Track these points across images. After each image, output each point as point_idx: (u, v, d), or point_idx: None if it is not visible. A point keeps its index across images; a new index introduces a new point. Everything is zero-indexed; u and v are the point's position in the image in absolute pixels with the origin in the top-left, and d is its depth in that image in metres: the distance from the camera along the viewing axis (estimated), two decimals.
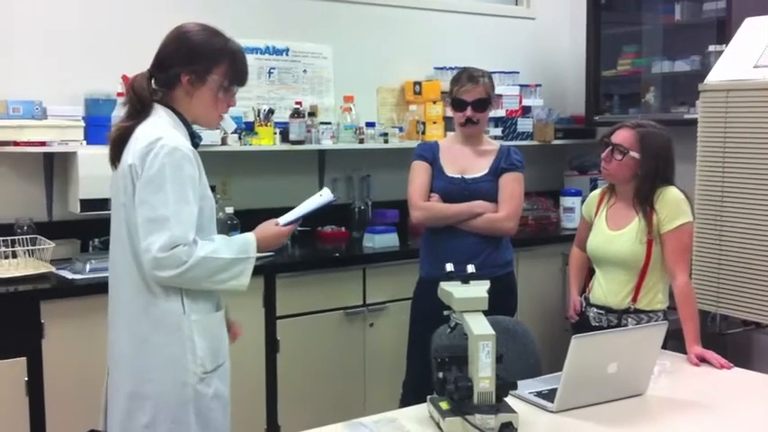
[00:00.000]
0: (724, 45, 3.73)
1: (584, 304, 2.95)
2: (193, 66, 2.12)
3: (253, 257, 2.16)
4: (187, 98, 2.15)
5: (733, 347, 3.83)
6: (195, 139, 2.20)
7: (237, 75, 2.20)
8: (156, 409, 2.09)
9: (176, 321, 2.09)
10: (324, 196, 2.37)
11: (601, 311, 2.85)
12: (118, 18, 3.67)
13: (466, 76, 3.23)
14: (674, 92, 4.54)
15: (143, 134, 2.07)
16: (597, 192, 2.99)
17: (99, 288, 3.07)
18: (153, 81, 2.16)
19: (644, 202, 2.76)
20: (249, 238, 2.20)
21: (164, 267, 2.00)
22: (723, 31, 4.05)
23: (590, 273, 3.04)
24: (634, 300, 2.78)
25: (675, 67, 4.46)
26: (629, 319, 2.78)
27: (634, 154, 2.74)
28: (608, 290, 2.84)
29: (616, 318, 2.80)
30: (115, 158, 2.15)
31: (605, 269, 2.86)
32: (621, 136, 2.78)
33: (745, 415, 2.17)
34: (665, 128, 2.90)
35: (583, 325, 2.90)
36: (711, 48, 4.08)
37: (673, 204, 2.74)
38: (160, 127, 2.09)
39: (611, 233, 2.83)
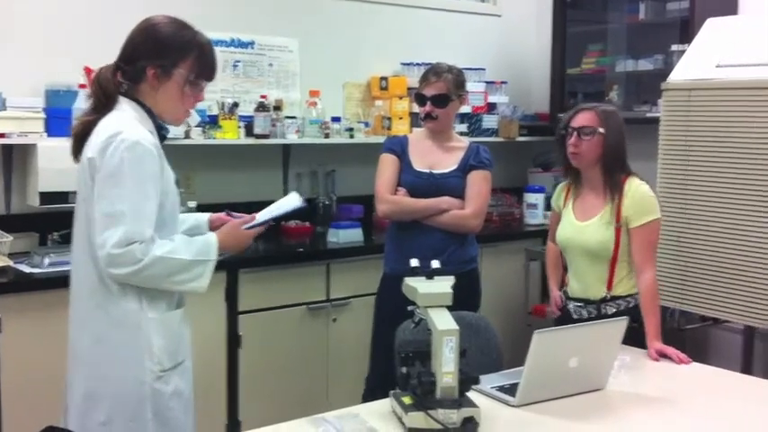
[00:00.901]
0: (687, 44, 3.78)
1: (564, 299, 2.97)
2: (160, 59, 2.09)
3: (213, 260, 2.14)
4: (153, 92, 2.12)
5: (691, 342, 3.89)
6: (162, 132, 2.18)
7: (205, 69, 2.16)
8: (112, 408, 2.07)
9: (134, 319, 2.07)
10: (292, 201, 2.34)
11: (579, 304, 2.87)
12: (80, 8, 3.61)
13: (432, 71, 3.23)
14: (637, 90, 4.59)
15: (104, 128, 2.04)
16: (563, 184, 3.02)
17: (58, 282, 3.03)
18: (119, 74, 2.12)
19: (614, 186, 2.79)
20: (211, 239, 2.17)
21: (118, 264, 1.98)
22: (686, 30, 4.10)
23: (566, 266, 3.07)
24: (609, 287, 2.81)
25: (639, 66, 4.51)
26: (608, 307, 2.81)
27: (601, 130, 2.78)
28: (582, 281, 2.87)
29: (595, 308, 2.83)
30: (77, 152, 2.12)
31: (577, 260, 2.88)
32: (583, 118, 2.82)
33: (703, 409, 2.20)
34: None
35: (565, 319, 2.91)
36: (674, 47, 4.13)
37: (642, 201, 2.77)
38: (122, 121, 2.05)
39: (579, 224, 2.86)
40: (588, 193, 2.88)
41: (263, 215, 2.32)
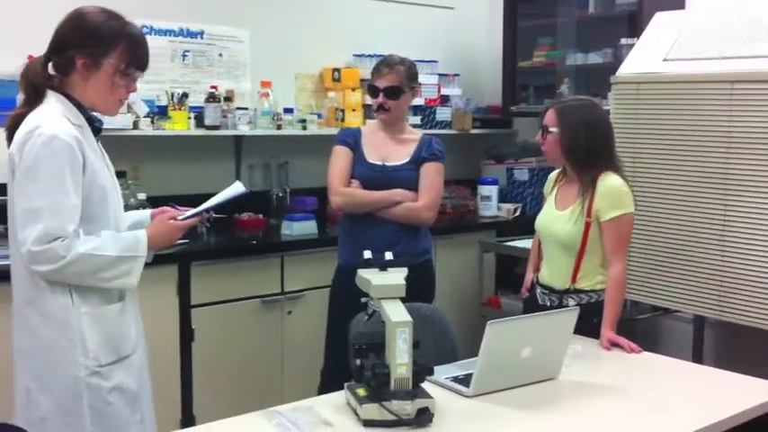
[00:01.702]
0: (635, 38, 3.83)
1: (534, 283, 3.01)
2: (89, 48, 2.07)
3: (142, 256, 2.11)
4: (83, 82, 2.09)
5: (643, 333, 3.96)
6: (96, 124, 2.14)
7: (135, 58, 2.12)
8: (49, 403, 2.05)
9: (64, 315, 2.04)
10: (234, 188, 2.31)
11: (545, 291, 2.91)
12: None
13: (384, 62, 3.23)
14: (587, 83, 4.64)
15: (26, 123, 2.01)
16: (555, 172, 3.05)
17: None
18: (50, 66, 2.09)
19: (587, 183, 2.80)
20: (140, 235, 2.14)
21: (40, 262, 1.95)
22: (635, 24, 4.15)
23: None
24: (573, 280, 2.84)
25: (589, 60, 4.56)
26: (570, 300, 2.83)
27: (554, 129, 2.81)
28: (551, 270, 2.91)
29: (557, 298, 2.86)
30: (9, 145, 2.08)
31: (549, 248, 2.93)
32: (547, 116, 2.87)
33: (654, 397, 2.24)
34: (596, 101, 3.00)
35: (532, 302, 2.97)
36: (623, 41, 4.18)
37: (611, 194, 2.77)
38: (44, 115, 2.02)
39: (556, 212, 2.90)
40: (569, 185, 2.92)
41: (202, 205, 2.28)
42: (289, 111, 4.14)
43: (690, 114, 3.32)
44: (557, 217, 2.89)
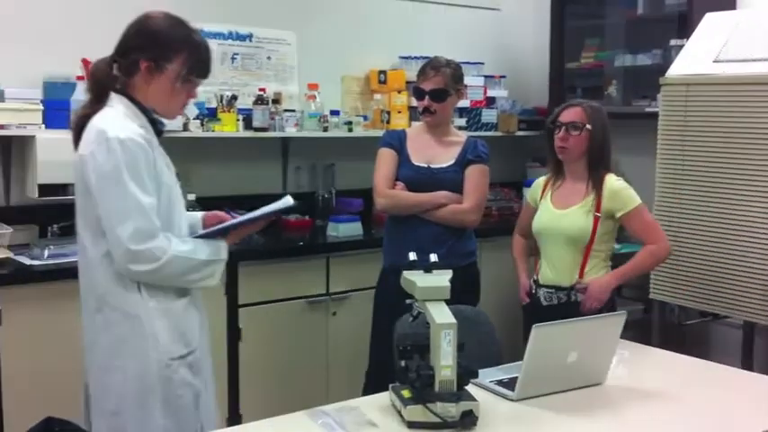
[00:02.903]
0: (685, 39, 3.78)
1: (533, 287, 3.05)
2: (152, 52, 2.11)
3: (224, 259, 2.20)
4: (145, 85, 2.14)
5: (691, 338, 3.91)
6: (158, 126, 2.19)
7: (198, 66, 2.18)
8: (121, 397, 2.10)
9: (135, 310, 2.09)
10: (283, 201, 2.34)
11: (550, 290, 2.97)
12: (78, 0, 3.60)
13: (430, 65, 3.23)
14: (635, 85, 4.59)
15: (94, 125, 2.07)
16: (542, 178, 3.12)
17: (57, 274, 3.04)
18: (115, 67, 2.14)
19: (596, 180, 2.90)
20: (220, 241, 2.23)
21: (139, 261, 2.02)
22: (684, 25, 4.09)
23: (537, 257, 3.15)
24: (581, 275, 2.91)
25: (637, 61, 4.50)
26: (578, 294, 2.91)
27: (588, 126, 2.89)
28: (555, 267, 2.96)
29: (565, 294, 2.93)
30: (77, 144, 2.14)
31: (551, 247, 2.97)
32: (572, 114, 2.93)
33: (702, 404, 2.21)
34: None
35: (534, 306, 3.02)
36: (673, 42, 4.13)
37: (619, 194, 2.89)
38: (111, 118, 2.07)
39: (558, 212, 2.96)
40: (569, 186, 2.98)
41: (251, 214, 2.32)
42: (335, 113, 4.16)
43: (740, 116, 3.27)
44: (560, 215, 2.94)
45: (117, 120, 2.07)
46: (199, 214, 2.42)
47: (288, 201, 2.32)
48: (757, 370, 2.98)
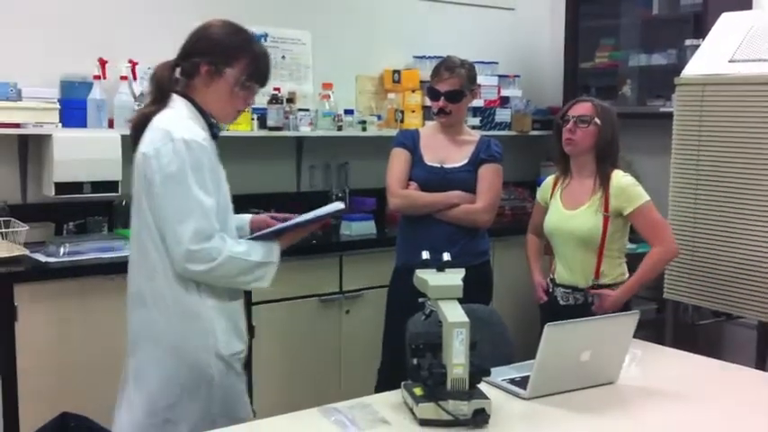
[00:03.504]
0: (700, 39, 3.77)
1: (550, 285, 3.05)
2: (213, 57, 2.17)
3: (276, 262, 2.24)
4: (205, 89, 2.20)
5: (705, 338, 3.89)
6: (214, 130, 2.24)
7: (257, 73, 2.23)
8: (178, 391, 2.14)
9: (196, 307, 2.14)
10: (333, 205, 2.41)
11: (567, 290, 2.98)
12: (96, 0, 3.63)
13: (444, 65, 3.23)
14: (650, 85, 4.57)
15: (156, 125, 2.12)
16: (551, 177, 3.13)
17: (73, 271, 3.07)
18: (177, 70, 2.20)
19: (603, 177, 2.91)
20: (273, 243, 2.27)
21: (196, 261, 2.06)
22: (700, 25, 4.08)
23: (551, 255, 3.16)
24: (596, 276, 2.91)
25: (652, 61, 4.49)
26: (596, 296, 2.91)
27: (597, 120, 2.90)
28: (570, 269, 2.97)
29: (582, 295, 2.94)
30: (134, 143, 2.19)
31: (564, 247, 2.99)
32: (582, 108, 2.95)
33: (715, 404, 2.20)
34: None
35: (551, 305, 3.02)
36: (688, 42, 4.11)
37: (626, 190, 2.90)
38: (175, 119, 2.13)
39: (568, 212, 2.96)
40: (577, 183, 2.99)
41: (299, 218, 2.35)
42: (349, 112, 4.18)
43: (756, 116, 3.25)
44: (570, 216, 2.95)
45: (180, 121, 2.13)
46: (246, 217, 2.46)
47: (338, 205, 2.40)
48: None
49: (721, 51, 3.46)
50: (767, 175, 3.21)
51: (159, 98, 2.19)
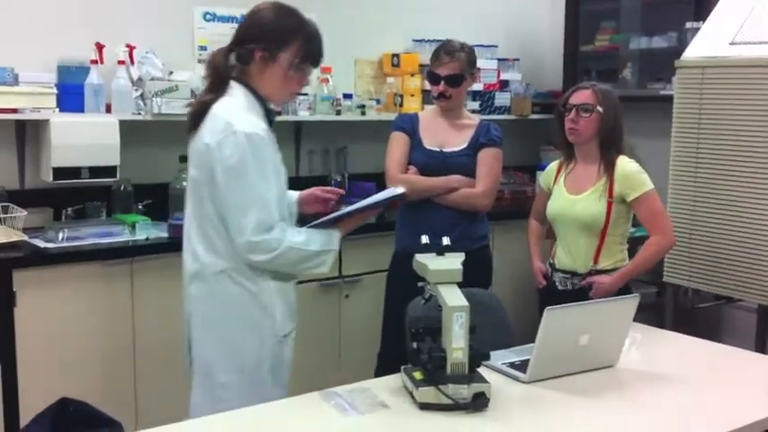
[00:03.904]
0: (701, 22, 3.75)
1: (549, 270, 3.06)
2: (265, 42, 2.20)
3: (335, 249, 2.28)
4: (260, 74, 2.22)
5: (704, 321, 3.90)
6: (270, 117, 2.25)
7: (310, 54, 2.25)
8: (233, 369, 2.20)
9: (256, 287, 2.20)
10: (390, 190, 2.42)
11: (566, 275, 2.98)
12: None
13: (444, 49, 3.21)
14: (650, 68, 4.55)
15: (219, 116, 2.14)
16: (554, 163, 3.11)
17: (72, 257, 3.07)
18: (232, 56, 2.22)
19: (608, 163, 2.90)
20: (334, 231, 2.30)
21: (257, 251, 2.11)
22: (700, 7, 4.06)
23: (553, 239, 3.15)
24: (596, 261, 2.91)
25: (653, 44, 4.47)
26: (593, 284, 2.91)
27: (600, 108, 2.88)
28: (571, 253, 2.96)
29: (581, 280, 2.94)
30: (192, 130, 2.21)
31: (566, 232, 2.98)
32: (583, 96, 2.93)
33: (715, 387, 2.21)
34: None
35: (549, 289, 3.03)
36: (689, 24, 4.09)
37: (631, 177, 2.88)
38: (234, 110, 2.15)
39: (572, 197, 2.95)
40: (581, 169, 2.98)
41: (358, 204, 2.36)
42: (348, 96, 4.16)
43: (756, 99, 3.24)
44: (574, 201, 2.94)
45: (240, 112, 2.14)
46: (295, 194, 2.48)
47: (397, 189, 2.40)
48: None
49: (722, 34, 3.44)
50: (766, 157, 3.20)
51: (217, 85, 2.20)
